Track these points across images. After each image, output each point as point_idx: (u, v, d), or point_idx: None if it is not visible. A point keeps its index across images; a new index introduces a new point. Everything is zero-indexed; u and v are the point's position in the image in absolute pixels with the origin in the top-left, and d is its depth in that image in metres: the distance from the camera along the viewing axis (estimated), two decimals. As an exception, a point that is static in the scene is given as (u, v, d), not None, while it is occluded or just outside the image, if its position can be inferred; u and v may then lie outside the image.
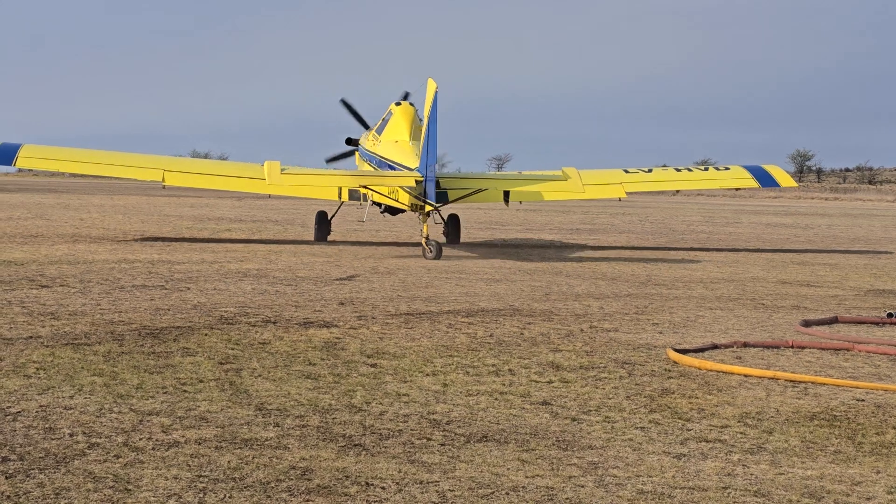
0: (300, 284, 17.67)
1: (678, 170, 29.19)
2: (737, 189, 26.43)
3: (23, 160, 28.00)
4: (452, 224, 29.32)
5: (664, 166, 30.72)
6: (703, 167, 29.71)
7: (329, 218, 28.37)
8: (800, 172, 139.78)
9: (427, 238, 23.60)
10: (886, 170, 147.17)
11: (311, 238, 28.29)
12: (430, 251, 23.27)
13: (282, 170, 26.00)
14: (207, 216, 38.40)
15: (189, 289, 16.53)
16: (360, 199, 26.04)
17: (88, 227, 30.38)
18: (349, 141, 30.37)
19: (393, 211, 27.30)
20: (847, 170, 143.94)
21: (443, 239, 28.09)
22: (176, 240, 26.76)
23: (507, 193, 26.77)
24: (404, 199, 24.83)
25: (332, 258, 22.88)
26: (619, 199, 27.13)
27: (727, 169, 29.44)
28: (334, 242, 27.45)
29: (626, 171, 28.11)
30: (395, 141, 26.74)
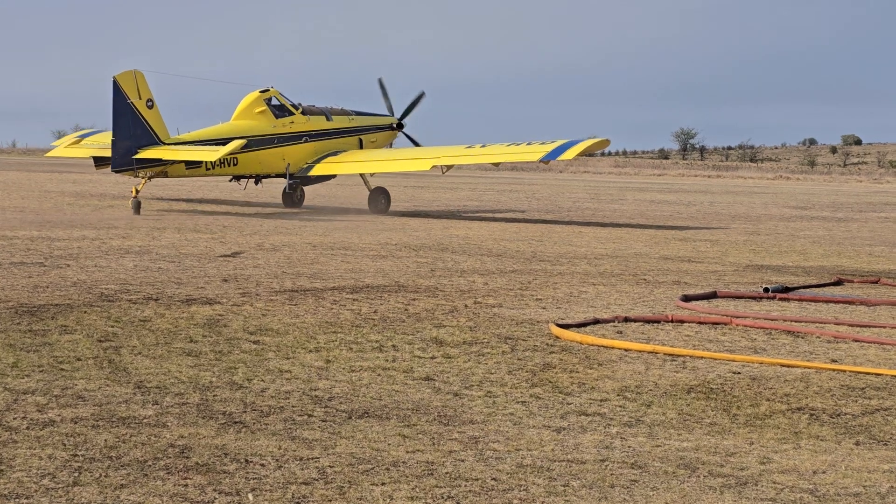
0: (183, 261, 17.47)
1: (508, 145, 30.77)
2: (541, 161, 28.89)
3: None
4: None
5: (529, 141, 31.14)
6: (539, 142, 30.41)
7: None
8: (683, 150, 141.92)
9: (134, 198, 28.52)
10: (767, 148, 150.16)
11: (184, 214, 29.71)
12: (133, 208, 28.37)
13: (75, 141, 35.29)
14: (90, 192, 37.75)
15: (69, 266, 16.25)
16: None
17: (-35, 203, 29.68)
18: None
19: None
20: (729, 148, 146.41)
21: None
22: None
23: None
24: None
25: (217, 235, 22.67)
26: (445, 171, 31.72)
27: (553, 142, 30.48)
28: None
29: (468, 147, 30.75)
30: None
